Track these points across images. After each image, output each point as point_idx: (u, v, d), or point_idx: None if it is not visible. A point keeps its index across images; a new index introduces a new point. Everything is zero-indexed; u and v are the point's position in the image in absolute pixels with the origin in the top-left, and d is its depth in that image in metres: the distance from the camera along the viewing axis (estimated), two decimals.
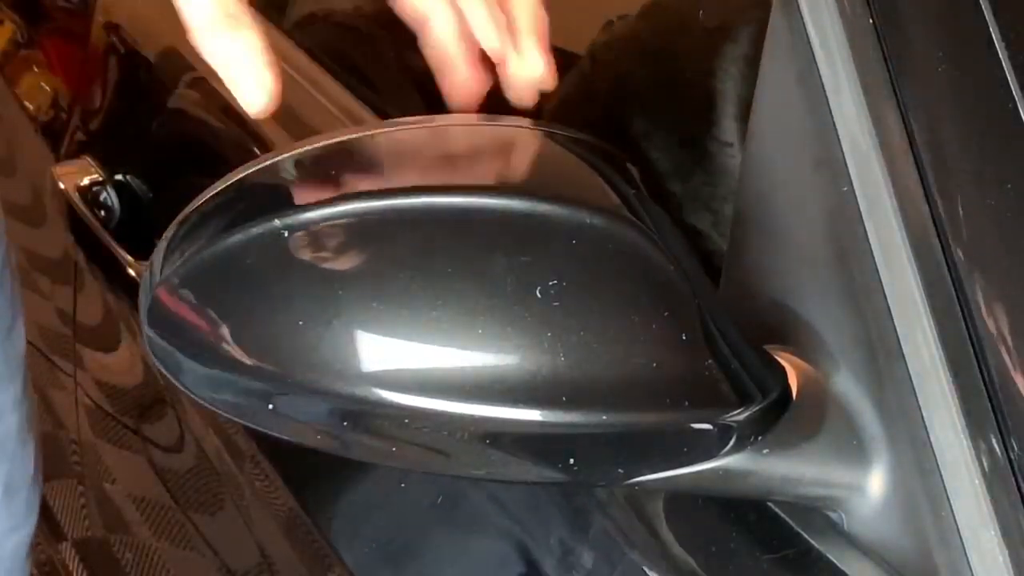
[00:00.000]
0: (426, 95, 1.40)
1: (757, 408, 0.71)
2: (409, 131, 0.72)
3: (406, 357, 0.66)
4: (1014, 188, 0.70)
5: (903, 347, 0.70)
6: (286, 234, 0.66)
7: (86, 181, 1.48)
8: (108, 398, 1.57)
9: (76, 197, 1.48)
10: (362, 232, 0.67)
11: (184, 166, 1.40)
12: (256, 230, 0.66)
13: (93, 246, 1.48)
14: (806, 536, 0.75)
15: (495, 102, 0.78)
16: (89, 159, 1.53)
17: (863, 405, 0.73)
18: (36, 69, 1.87)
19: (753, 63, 1.01)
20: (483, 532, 1.03)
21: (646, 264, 0.68)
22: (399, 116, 0.76)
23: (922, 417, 0.69)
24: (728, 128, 1.06)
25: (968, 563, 0.67)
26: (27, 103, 1.80)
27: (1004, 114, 0.71)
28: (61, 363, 1.68)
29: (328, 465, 1.09)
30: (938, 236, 0.70)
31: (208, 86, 1.34)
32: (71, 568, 1.75)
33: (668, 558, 0.83)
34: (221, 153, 1.35)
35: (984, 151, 0.72)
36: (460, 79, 0.72)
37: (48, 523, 1.73)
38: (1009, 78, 0.71)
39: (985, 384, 0.68)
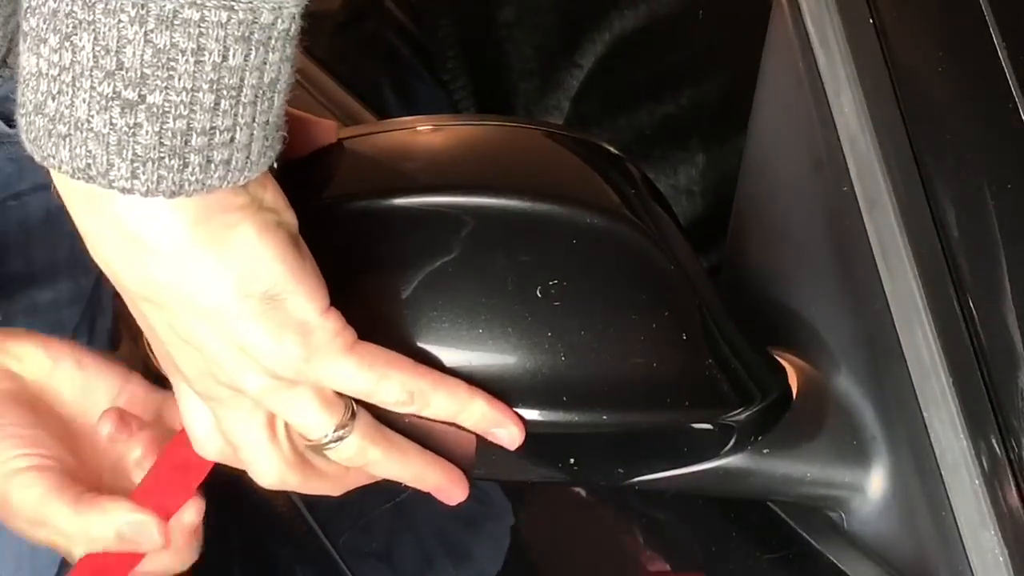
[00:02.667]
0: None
1: (757, 408, 0.71)
2: (410, 131, 0.72)
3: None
4: (1014, 188, 0.70)
5: (903, 347, 0.70)
6: None
7: None
8: None
9: None
10: (361, 231, 0.67)
11: None
12: None
13: None
14: (806, 536, 0.75)
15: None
16: None
17: (863, 405, 0.73)
18: None
19: None
20: (482, 532, 1.03)
21: (646, 264, 0.68)
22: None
23: (922, 417, 0.69)
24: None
25: (968, 563, 0.67)
26: None
27: (1004, 114, 0.71)
28: None
29: None
30: (938, 236, 0.70)
31: None
32: None
33: (669, 557, 0.83)
34: None
35: (984, 151, 0.72)
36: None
37: None
38: (1009, 78, 0.71)
39: (985, 384, 0.68)
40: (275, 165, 0.59)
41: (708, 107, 1.21)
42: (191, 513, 0.73)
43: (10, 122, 0.97)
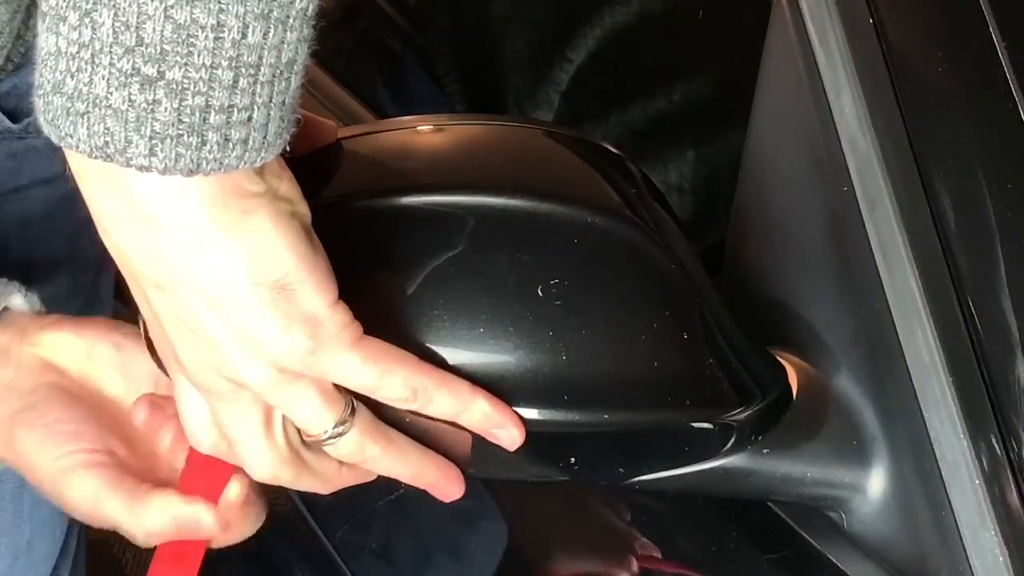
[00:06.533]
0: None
1: (757, 407, 0.71)
2: (410, 131, 0.72)
3: None
4: (1014, 188, 0.70)
5: (903, 347, 0.70)
6: None
7: None
8: None
9: None
10: (361, 231, 0.67)
11: None
12: None
13: None
14: (806, 536, 0.75)
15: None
16: None
17: (863, 405, 0.73)
18: None
19: None
20: (480, 532, 1.03)
21: (647, 263, 0.68)
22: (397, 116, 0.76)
23: (922, 417, 0.69)
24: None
25: (968, 563, 0.67)
26: None
27: (1004, 114, 0.71)
28: None
29: None
30: (938, 236, 0.70)
31: None
32: None
33: (669, 557, 0.83)
34: None
35: (984, 151, 0.72)
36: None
37: None
38: (1009, 78, 0.71)
39: (985, 384, 0.68)
40: (288, 148, 0.59)
41: (700, 104, 1.21)
42: (236, 489, 0.72)
43: (12, 116, 0.97)
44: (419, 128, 0.71)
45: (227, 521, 0.71)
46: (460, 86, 1.36)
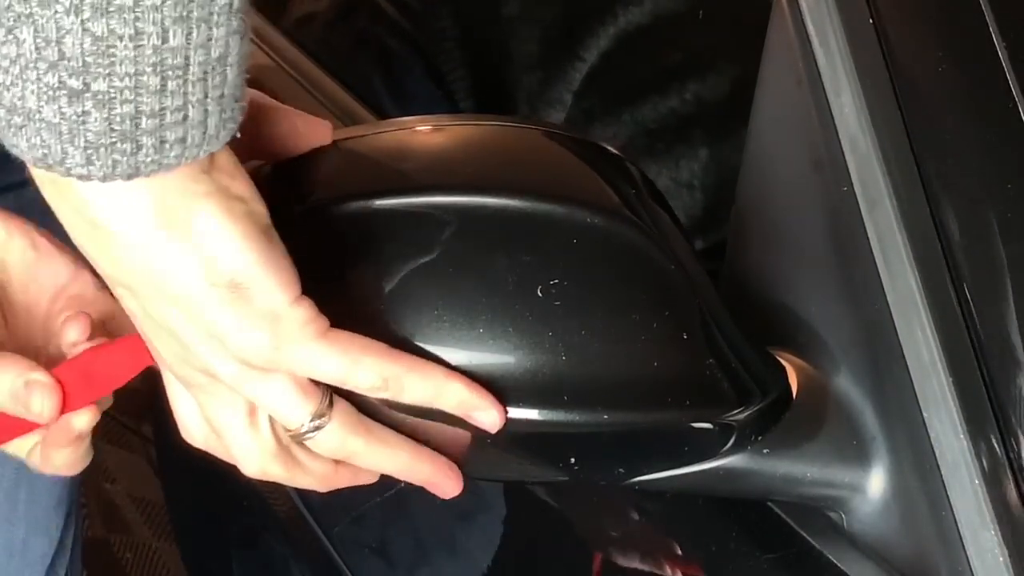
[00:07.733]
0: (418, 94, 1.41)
1: (757, 407, 0.71)
2: (408, 131, 0.72)
3: None
4: (1014, 188, 0.70)
5: (903, 347, 0.70)
6: None
7: None
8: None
9: None
10: (359, 231, 0.67)
11: None
12: None
13: None
14: (806, 536, 0.75)
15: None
16: None
17: (863, 405, 0.73)
18: None
19: None
20: (480, 532, 1.03)
21: (647, 263, 0.68)
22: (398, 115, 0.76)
23: (922, 417, 0.69)
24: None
25: (968, 563, 0.67)
26: None
27: (1004, 114, 0.71)
28: None
29: None
30: (938, 236, 0.70)
31: None
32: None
33: (669, 557, 0.83)
34: None
35: (984, 151, 0.72)
36: None
37: None
38: (1009, 78, 0.71)
39: (985, 384, 0.68)
40: (239, 134, 0.59)
41: (711, 102, 1.21)
42: (83, 419, 0.71)
43: None
44: (416, 129, 0.71)
45: (55, 418, 0.70)
46: (467, 84, 1.36)
